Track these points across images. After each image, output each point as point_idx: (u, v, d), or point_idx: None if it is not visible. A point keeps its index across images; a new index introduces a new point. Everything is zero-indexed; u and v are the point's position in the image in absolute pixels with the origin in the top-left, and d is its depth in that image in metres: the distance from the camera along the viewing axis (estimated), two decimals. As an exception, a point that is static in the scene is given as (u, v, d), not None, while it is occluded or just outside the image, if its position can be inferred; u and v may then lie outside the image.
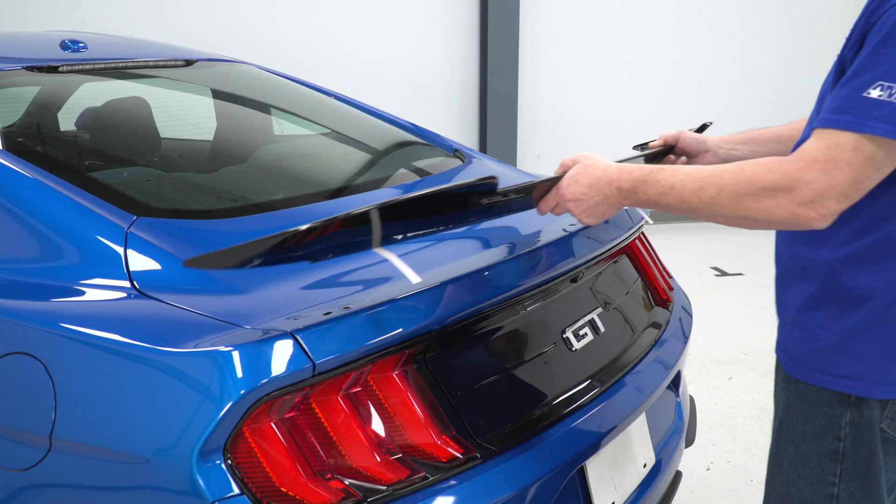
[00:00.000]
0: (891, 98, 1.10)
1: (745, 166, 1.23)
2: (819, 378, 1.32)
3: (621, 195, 1.39)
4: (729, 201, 1.23)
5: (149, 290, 1.40)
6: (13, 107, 2.39)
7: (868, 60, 1.13)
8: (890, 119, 1.10)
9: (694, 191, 1.27)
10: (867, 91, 1.12)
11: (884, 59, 1.11)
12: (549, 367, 1.65)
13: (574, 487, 1.57)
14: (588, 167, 1.43)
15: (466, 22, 6.28)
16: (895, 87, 1.10)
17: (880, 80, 1.11)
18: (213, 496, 1.18)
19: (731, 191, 1.23)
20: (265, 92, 2.64)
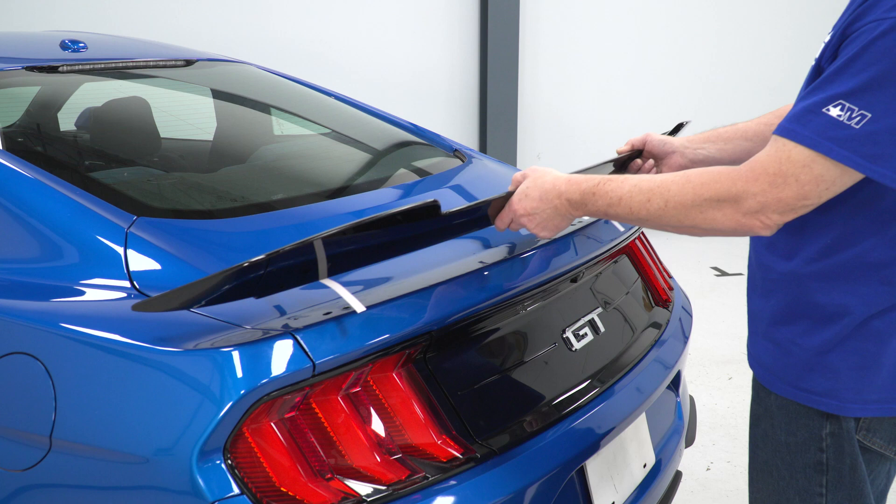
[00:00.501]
0: (850, 121, 1.08)
1: (691, 176, 1.22)
2: (794, 393, 1.32)
3: (571, 207, 1.39)
4: (676, 212, 1.24)
5: (149, 290, 1.40)
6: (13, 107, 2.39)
7: (834, 76, 1.11)
8: (846, 144, 1.09)
9: (642, 202, 1.27)
10: (827, 108, 1.10)
11: (849, 77, 1.09)
12: (549, 367, 1.65)
13: (574, 487, 1.57)
14: (537, 180, 1.43)
15: (466, 22, 6.28)
16: (855, 110, 1.08)
17: (842, 99, 1.09)
18: (213, 496, 1.18)
19: (678, 202, 1.23)
20: (265, 92, 2.64)
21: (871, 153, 1.08)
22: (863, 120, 1.08)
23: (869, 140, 1.08)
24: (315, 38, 5.89)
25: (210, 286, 1.18)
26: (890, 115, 1.07)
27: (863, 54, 1.08)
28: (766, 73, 6.91)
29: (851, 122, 1.08)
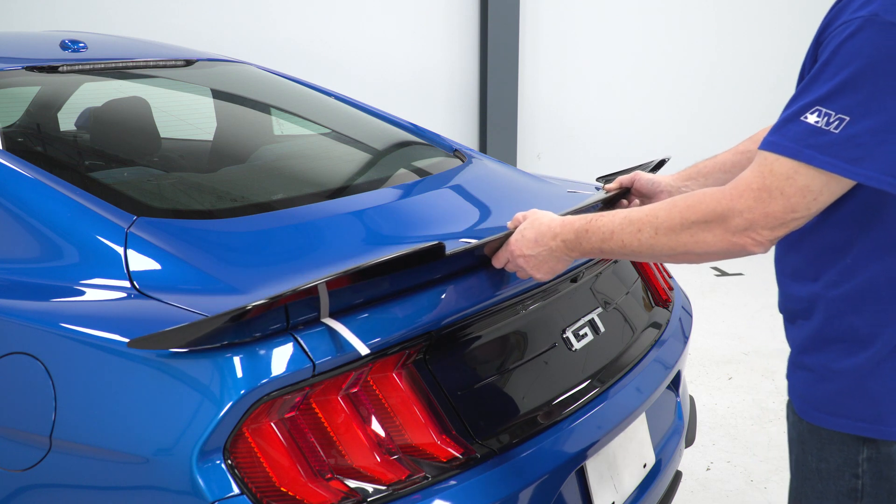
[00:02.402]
0: (828, 126, 1.06)
1: (677, 202, 1.22)
2: (832, 422, 1.26)
3: (567, 247, 1.39)
4: (667, 239, 1.23)
5: (149, 290, 1.39)
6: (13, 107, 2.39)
7: (810, 83, 1.10)
8: (827, 150, 1.07)
9: (633, 233, 1.27)
10: (805, 115, 1.08)
11: (823, 82, 1.08)
12: (549, 368, 1.65)
13: (574, 487, 1.57)
14: (534, 222, 1.44)
15: (466, 22, 6.28)
16: (833, 114, 1.06)
17: (818, 105, 1.07)
18: (213, 496, 1.18)
19: (667, 228, 1.22)
20: (265, 92, 2.64)
21: (854, 156, 1.06)
22: (841, 124, 1.06)
23: (850, 143, 1.06)
24: (315, 39, 5.89)
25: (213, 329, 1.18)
26: (868, 115, 1.05)
27: (834, 58, 1.07)
28: (766, 72, 6.91)
29: (830, 127, 1.06)
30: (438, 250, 1.36)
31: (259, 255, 1.58)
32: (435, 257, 1.37)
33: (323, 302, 1.27)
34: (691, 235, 1.20)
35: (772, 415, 3.43)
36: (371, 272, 1.28)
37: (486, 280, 1.51)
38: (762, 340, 4.15)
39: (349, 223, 1.76)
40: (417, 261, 1.34)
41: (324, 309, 1.27)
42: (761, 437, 3.25)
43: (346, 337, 1.26)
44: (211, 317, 1.17)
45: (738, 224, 1.14)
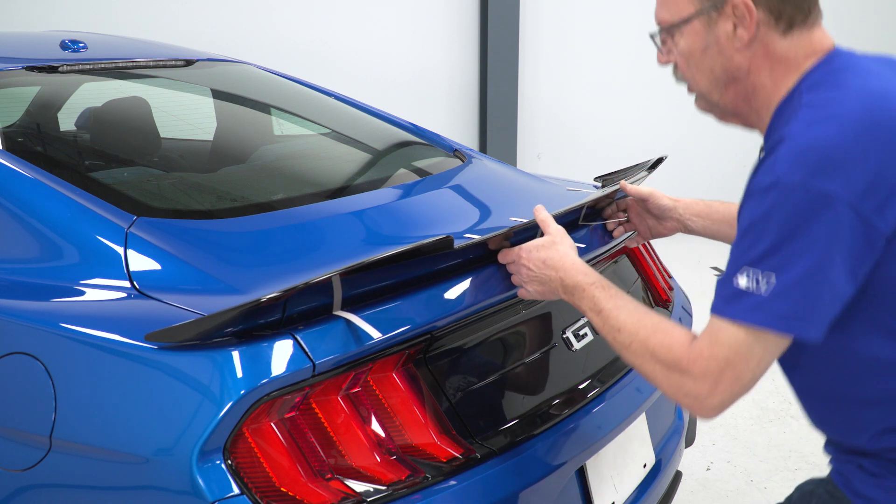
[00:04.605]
0: (758, 288, 1.11)
1: (659, 328, 1.25)
2: None
3: (562, 288, 1.41)
4: (635, 357, 1.26)
5: (149, 290, 1.39)
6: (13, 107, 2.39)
7: (737, 244, 1.16)
8: (759, 308, 1.11)
9: (613, 328, 1.30)
10: (736, 278, 1.14)
11: (748, 246, 1.13)
12: (549, 367, 1.65)
13: (574, 487, 1.57)
14: (553, 245, 1.45)
15: (466, 22, 6.28)
16: (760, 275, 1.11)
17: (747, 266, 1.13)
18: (213, 496, 1.18)
19: (641, 348, 1.25)
20: (265, 92, 2.64)
21: (785, 314, 1.11)
22: (769, 285, 1.11)
23: (779, 300, 1.11)
24: (315, 39, 5.89)
25: (225, 320, 1.19)
26: (792, 272, 1.10)
27: (755, 223, 1.12)
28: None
29: (759, 290, 1.12)
30: (447, 243, 1.37)
31: (259, 255, 1.58)
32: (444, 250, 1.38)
33: (336, 295, 1.27)
34: (654, 370, 1.24)
35: (772, 415, 3.43)
36: (383, 264, 1.29)
37: (486, 280, 1.51)
38: (762, 340, 4.13)
39: (349, 223, 1.76)
40: (428, 252, 1.36)
41: (337, 302, 1.28)
42: (761, 437, 3.25)
43: (361, 325, 1.27)
44: (224, 310, 1.17)
45: (691, 389, 1.19)
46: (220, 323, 1.19)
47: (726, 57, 1.25)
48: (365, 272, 1.30)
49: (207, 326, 1.20)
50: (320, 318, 1.28)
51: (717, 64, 1.26)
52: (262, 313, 1.22)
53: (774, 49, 1.23)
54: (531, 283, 1.47)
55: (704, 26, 1.24)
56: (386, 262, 1.30)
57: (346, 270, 1.23)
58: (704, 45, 1.25)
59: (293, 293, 1.18)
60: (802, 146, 1.10)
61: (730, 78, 1.26)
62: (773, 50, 1.23)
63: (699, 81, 1.29)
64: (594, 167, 3.53)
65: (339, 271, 1.22)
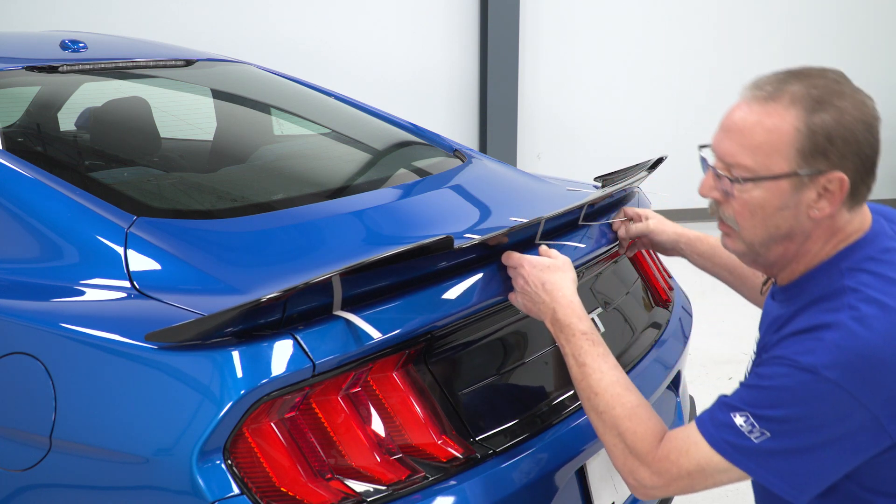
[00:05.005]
0: (750, 434, 1.17)
1: (636, 413, 1.29)
2: None
3: (551, 320, 1.42)
4: (602, 426, 1.32)
5: (149, 290, 1.39)
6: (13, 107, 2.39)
7: (749, 389, 1.21)
8: (745, 452, 1.18)
9: (591, 389, 1.33)
10: (735, 414, 1.19)
11: (758, 401, 1.18)
12: (549, 367, 1.65)
13: (574, 487, 1.57)
14: (557, 271, 1.45)
15: (466, 22, 6.28)
16: (756, 427, 1.17)
17: (748, 412, 1.18)
18: (213, 496, 1.18)
19: (612, 421, 1.30)
20: (265, 92, 2.63)
21: (766, 465, 1.18)
22: (762, 437, 1.17)
23: (763, 453, 1.17)
24: (315, 38, 5.89)
25: (225, 320, 1.19)
26: (785, 439, 1.16)
27: (778, 388, 1.17)
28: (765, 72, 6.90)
29: (752, 436, 1.17)
30: (447, 243, 1.37)
31: (259, 256, 1.58)
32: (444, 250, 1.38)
33: (336, 295, 1.27)
34: (615, 445, 1.30)
35: (772, 415, 3.42)
36: (383, 264, 1.29)
37: (486, 280, 1.51)
38: (762, 340, 4.13)
39: (349, 223, 1.76)
40: (428, 252, 1.36)
41: (337, 302, 1.28)
42: (761, 437, 3.24)
43: (362, 325, 1.27)
44: (224, 310, 1.17)
45: (645, 478, 1.26)
46: (220, 323, 1.19)
47: (797, 221, 1.22)
48: (365, 272, 1.30)
49: (207, 326, 1.20)
50: (320, 318, 1.28)
51: (784, 223, 1.23)
52: (262, 313, 1.21)
53: (838, 221, 1.23)
54: (522, 295, 1.47)
55: (792, 188, 1.20)
56: (386, 262, 1.30)
57: (346, 270, 1.23)
58: (782, 205, 1.21)
59: (293, 293, 1.18)
60: (848, 348, 1.14)
61: (786, 237, 1.24)
62: (837, 222, 1.23)
63: (753, 232, 1.26)
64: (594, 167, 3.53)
65: (339, 271, 1.22)
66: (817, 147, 1.17)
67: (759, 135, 1.19)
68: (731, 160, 1.23)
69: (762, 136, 1.19)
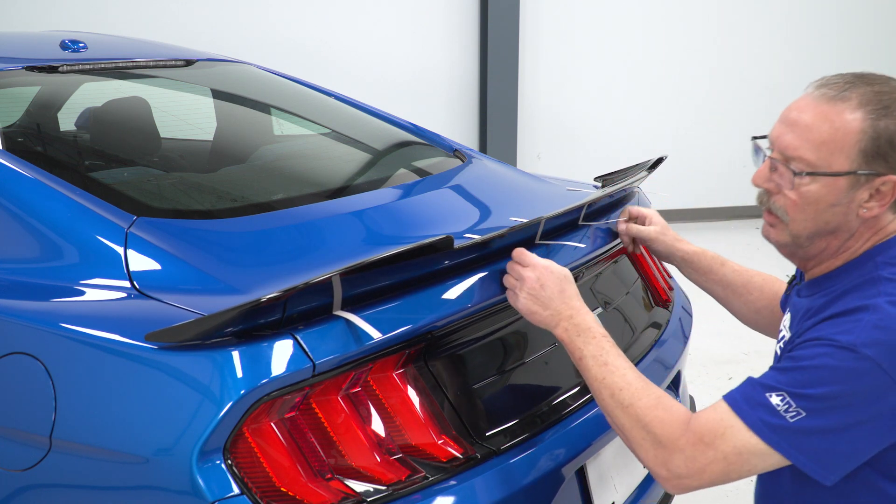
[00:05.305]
0: (786, 413, 1.18)
1: (662, 402, 1.28)
2: None
3: (564, 324, 1.39)
4: (630, 423, 1.29)
5: (149, 290, 1.39)
6: (13, 107, 2.39)
7: (786, 371, 1.22)
8: (777, 431, 1.19)
9: (615, 385, 1.32)
10: (770, 394, 1.20)
11: (796, 382, 1.20)
12: (549, 367, 1.65)
13: (574, 487, 1.57)
14: (571, 283, 1.44)
15: (466, 22, 6.28)
16: (793, 405, 1.18)
17: (785, 391, 1.19)
18: (213, 496, 1.18)
19: (637, 414, 1.28)
20: (265, 92, 2.64)
21: (797, 444, 1.19)
22: (798, 416, 1.18)
23: (798, 433, 1.18)
24: (315, 38, 5.89)
25: (225, 320, 1.19)
26: (821, 418, 1.17)
27: (816, 368, 1.19)
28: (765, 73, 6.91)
29: (787, 415, 1.18)
30: (447, 243, 1.37)
31: (259, 256, 1.58)
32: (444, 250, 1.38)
33: (336, 295, 1.27)
34: (642, 439, 1.28)
35: (772, 415, 3.42)
36: (383, 264, 1.29)
37: (486, 280, 1.51)
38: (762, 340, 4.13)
39: (349, 223, 1.76)
40: (428, 252, 1.36)
41: (337, 302, 1.28)
42: (761, 437, 3.24)
43: (362, 325, 1.27)
44: (224, 310, 1.17)
45: (677, 465, 1.24)
46: (220, 323, 1.19)
47: (846, 218, 1.27)
48: (365, 272, 1.30)
49: (207, 326, 1.20)
50: (320, 318, 1.28)
51: (833, 219, 1.28)
52: (262, 313, 1.21)
53: (881, 221, 1.29)
54: (528, 296, 1.43)
55: (848, 186, 1.25)
56: (386, 262, 1.30)
57: (346, 270, 1.23)
58: (835, 202, 1.26)
59: (293, 293, 1.18)
60: (886, 328, 1.17)
61: (832, 233, 1.29)
62: (880, 222, 1.29)
63: (803, 225, 1.30)
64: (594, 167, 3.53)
65: (339, 271, 1.22)
66: (879, 150, 1.22)
67: (825, 132, 1.24)
68: (793, 153, 1.27)
69: (828, 133, 1.23)
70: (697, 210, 6.87)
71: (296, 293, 1.19)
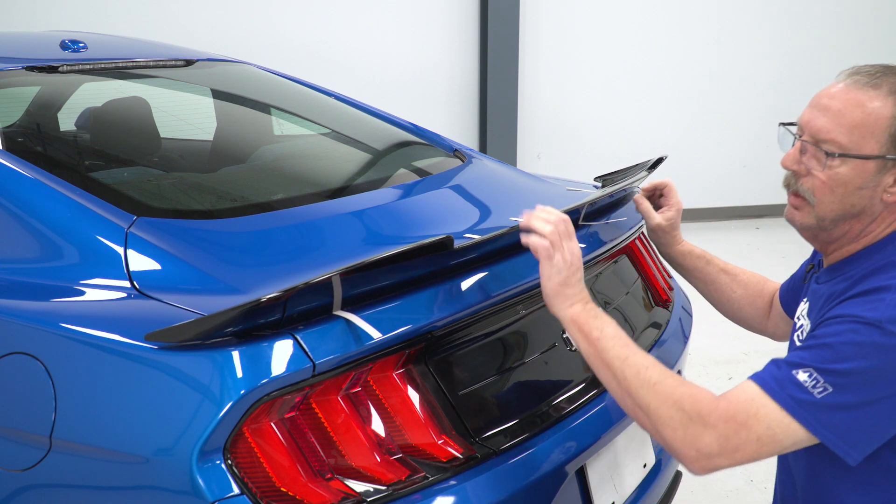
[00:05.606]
0: (813, 389, 1.20)
1: (686, 381, 1.27)
2: None
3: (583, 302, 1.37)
4: (658, 400, 1.26)
5: (149, 290, 1.39)
6: (13, 107, 2.39)
7: (813, 349, 1.23)
8: (805, 406, 1.20)
9: (639, 363, 1.30)
10: (797, 371, 1.21)
11: (822, 358, 1.21)
12: (549, 367, 1.65)
13: (574, 487, 1.57)
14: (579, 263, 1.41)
15: (466, 22, 6.28)
16: (820, 381, 1.20)
17: (812, 368, 1.21)
18: (213, 496, 1.18)
19: (666, 390, 1.26)
20: (265, 92, 2.64)
21: (825, 420, 1.20)
22: (825, 392, 1.20)
23: (826, 408, 1.20)
24: (315, 38, 5.89)
25: (225, 320, 1.19)
26: (848, 394, 1.19)
27: (843, 343, 1.21)
28: (765, 73, 6.91)
29: (815, 391, 1.20)
30: (447, 243, 1.37)
31: (259, 255, 1.58)
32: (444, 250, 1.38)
33: (336, 295, 1.27)
34: (671, 417, 1.24)
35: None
36: (383, 264, 1.29)
37: (486, 280, 1.51)
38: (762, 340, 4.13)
39: (349, 223, 1.76)
40: (428, 252, 1.36)
41: (337, 302, 1.28)
42: (761, 437, 3.24)
43: (362, 325, 1.27)
44: (224, 310, 1.17)
45: (707, 444, 1.22)
46: (220, 323, 1.19)
47: (871, 202, 1.31)
48: (365, 272, 1.30)
49: (207, 326, 1.20)
50: (320, 318, 1.28)
51: (858, 202, 1.31)
52: (262, 313, 1.21)
53: None
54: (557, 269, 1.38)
55: (876, 169, 1.29)
56: (386, 262, 1.30)
57: (346, 270, 1.23)
58: (863, 184, 1.30)
59: (293, 293, 1.18)
60: None
61: (856, 216, 1.33)
62: None
63: (830, 207, 1.33)
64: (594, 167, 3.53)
65: (339, 271, 1.22)
66: None
67: (857, 116, 1.28)
68: (825, 136, 1.30)
69: (860, 117, 1.28)
70: (697, 210, 6.88)
71: (296, 293, 1.18)
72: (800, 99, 5.55)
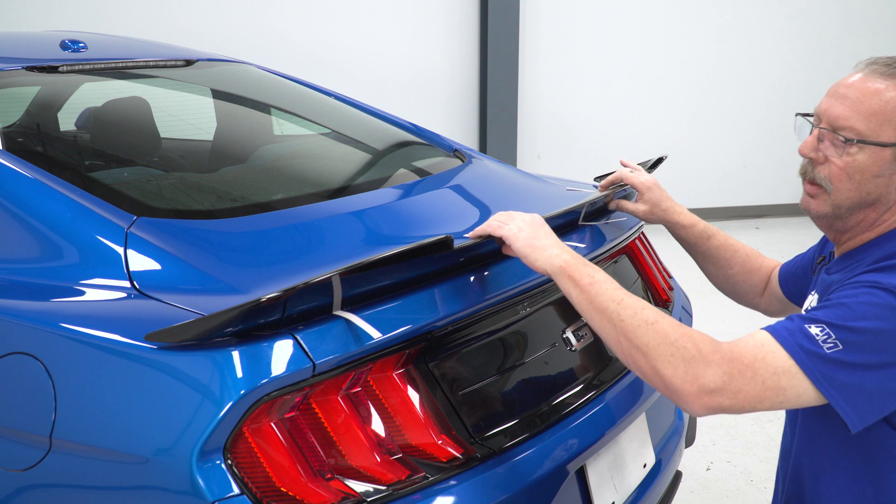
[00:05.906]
0: (824, 343, 1.20)
1: (682, 324, 1.26)
2: None
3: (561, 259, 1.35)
4: (656, 340, 1.23)
5: (149, 290, 1.39)
6: (13, 107, 2.39)
7: (828, 307, 1.25)
8: (814, 358, 1.20)
9: (634, 306, 1.27)
10: (810, 325, 1.22)
11: (836, 315, 1.23)
12: (549, 368, 1.65)
13: (574, 487, 1.57)
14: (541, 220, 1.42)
15: (466, 22, 6.28)
16: (832, 336, 1.21)
17: (825, 324, 1.22)
18: (213, 496, 1.18)
19: (664, 330, 1.23)
20: (265, 92, 2.64)
21: (832, 378, 1.20)
22: (835, 348, 1.20)
23: (834, 365, 1.20)
24: (315, 38, 5.89)
25: (225, 320, 1.19)
26: (857, 354, 1.20)
27: (861, 305, 1.22)
28: (764, 73, 6.91)
29: (825, 346, 1.20)
30: (447, 243, 1.37)
31: (259, 255, 1.58)
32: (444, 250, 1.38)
33: (336, 295, 1.27)
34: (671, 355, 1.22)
35: (771, 415, 3.43)
36: (383, 264, 1.29)
37: (486, 280, 1.51)
38: (762, 340, 4.13)
39: (349, 223, 1.76)
40: (428, 252, 1.36)
41: (337, 302, 1.28)
42: (761, 437, 3.25)
43: (362, 325, 1.27)
44: (224, 310, 1.17)
45: (711, 381, 1.20)
46: (220, 323, 1.19)
47: (887, 190, 1.33)
48: (365, 272, 1.30)
49: (207, 326, 1.20)
50: (320, 318, 1.28)
51: (874, 190, 1.33)
52: (262, 313, 1.22)
53: None
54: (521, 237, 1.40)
55: (892, 157, 1.31)
56: (386, 262, 1.30)
57: (346, 270, 1.23)
58: (879, 172, 1.32)
59: (293, 293, 1.18)
60: None
61: (871, 204, 1.35)
62: None
63: (846, 195, 1.34)
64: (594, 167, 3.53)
65: (339, 271, 1.22)
66: None
67: (875, 103, 1.30)
68: (843, 123, 1.32)
69: (879, 104, 1.29)
70: (697, 210, 6.87)
71: (296, 293, 1.19)
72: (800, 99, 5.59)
